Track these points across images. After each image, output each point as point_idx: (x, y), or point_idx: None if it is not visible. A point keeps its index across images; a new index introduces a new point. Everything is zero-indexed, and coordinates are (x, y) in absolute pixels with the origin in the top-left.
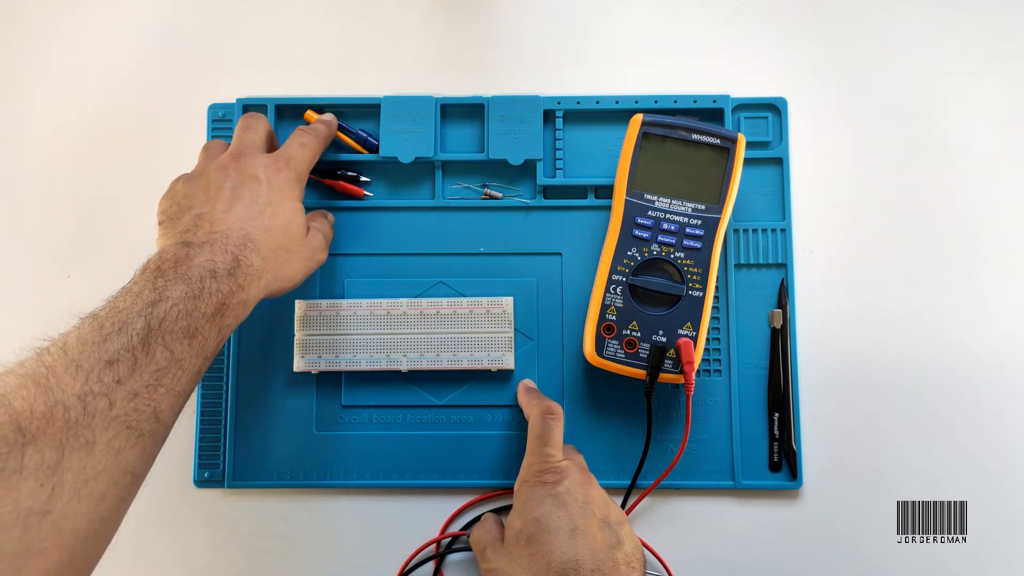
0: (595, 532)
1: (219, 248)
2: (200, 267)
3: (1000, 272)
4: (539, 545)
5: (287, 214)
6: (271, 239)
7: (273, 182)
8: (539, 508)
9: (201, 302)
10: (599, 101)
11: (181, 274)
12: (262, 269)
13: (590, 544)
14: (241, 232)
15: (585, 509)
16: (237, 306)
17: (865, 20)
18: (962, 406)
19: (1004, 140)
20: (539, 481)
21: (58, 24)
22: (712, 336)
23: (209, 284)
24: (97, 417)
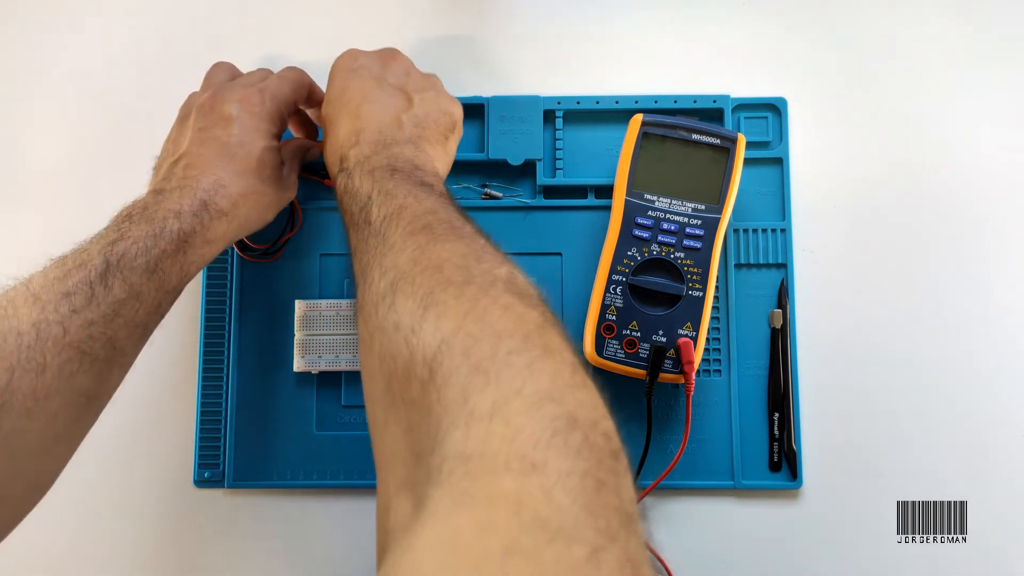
0: (385, 100)
1: (188, 192)
2: (165, 209)
3: (1000, 272)
4: (335, 122)
5: (259, 154)
6: (242, 182)
7: (245, 121)
8: (336, 90)
9: (162, 239)
10: (599, 101)
11: (147, 217)
12: (231, 212)
13: (376, 112)
14: (212, 177)
15: (378, 82)
16: (202, 245)
17: (865, 20)
18: (962, 406)
19: (1004, 140)
20: (341, 69)
21: (58, 24)
22: (712, 336)
23: (171, 223)
24: (50, 342)
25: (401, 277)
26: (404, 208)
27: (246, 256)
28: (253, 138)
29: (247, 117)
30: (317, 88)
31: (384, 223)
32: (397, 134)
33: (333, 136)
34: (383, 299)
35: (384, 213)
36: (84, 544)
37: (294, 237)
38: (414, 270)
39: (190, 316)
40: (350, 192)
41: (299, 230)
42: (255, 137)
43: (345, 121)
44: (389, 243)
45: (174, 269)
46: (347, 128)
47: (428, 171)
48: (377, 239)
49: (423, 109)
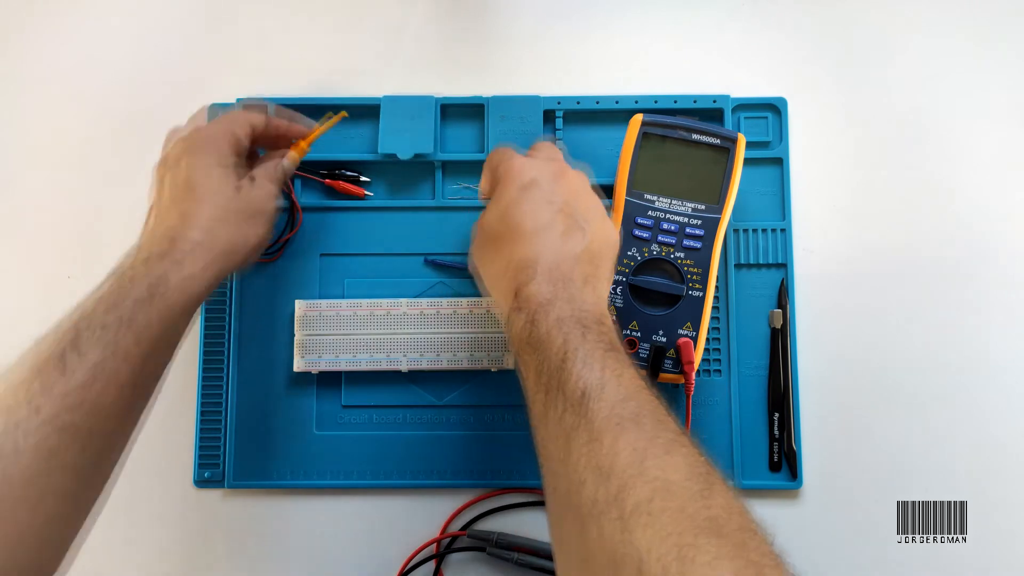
0: (560, 229)
1: (156, 238)
2: (133, 259)
3: (1000, 272)
4: (504, 243)
5: (211, 183)
6: (207, 210)
7: (195, 153)
8: (506, 202)
9: (132, 288)
10: (599, 101)
11: (116, 272)
12: (205, 241)
13: (553, 243)
14: (176, 214)
15: (552, 205)
16: (180, 284)
17: (865, 20)
18: (962, 406)
19: (1004, 139)
20: (512, 179)
21: (58, 24)
22: (712, 336)
23: (139, 270)
24: (21, 427)
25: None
26: (604, 386)
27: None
28: (205, 165)
29: (196, 149)
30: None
31: (584, 399)
32: (575, 272)
33: (502, 259)
34: (606, 514)
35: (582, 387)
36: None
37: (294, 237)
38: (642, 489)
39: None
40: (535, 344)
41: (299, 230)
42: (207, 163)
43: (517, 245)
44: (594, 431)
45: (153, 316)
46: (520, 254)
47: (608, 325)
48: (577, 418)
49: (596, 243)
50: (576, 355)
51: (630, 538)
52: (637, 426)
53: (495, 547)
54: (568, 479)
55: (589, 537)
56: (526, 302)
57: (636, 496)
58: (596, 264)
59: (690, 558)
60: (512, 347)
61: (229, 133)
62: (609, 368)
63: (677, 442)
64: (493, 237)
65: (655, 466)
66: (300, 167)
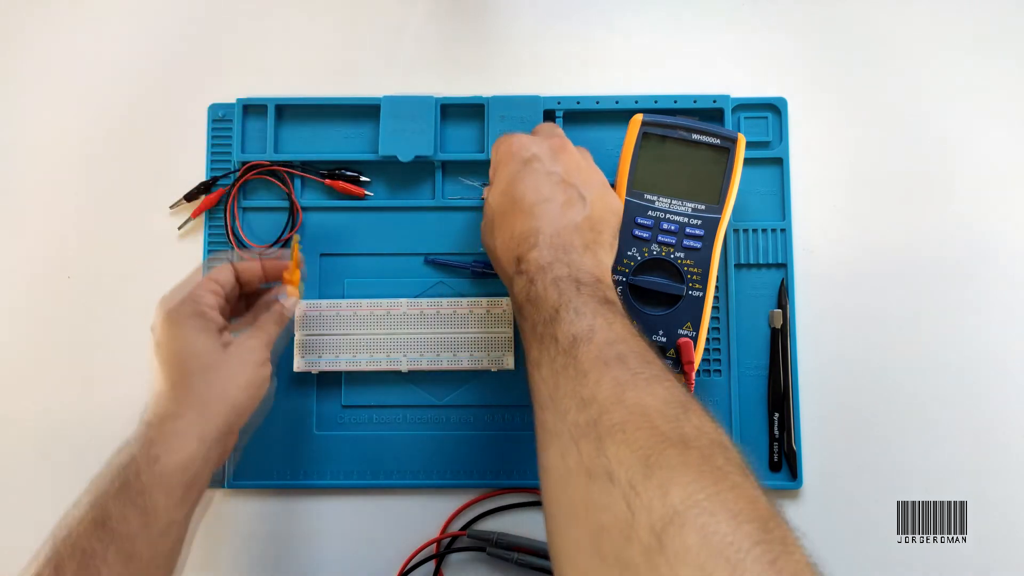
0: (561, 200)
1: (140, 423)
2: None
3: (1000, 272)
4: (508, 216)
5: (179, 347)
6: (176, 378)
7: (165, 322)
8: (508, 178)
9: (102, 483)
10: (599, 101)
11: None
12: (185, 400)
13: (554, 213)
14: (156, 389)
15: (551, 176)
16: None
17: (865, 20)
18: (962, 406)
19: (1004, 139)
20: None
21: (58, 24)
22: (712, 336)
23: (113, 460)
24: None
25: (605, 416)
26: (595, 330)
27: (246, 257)
28: (169, 341)
29: (166, 317)
30: (240, 268)
31: (574, 344)
32: (575, 239)
33: (507, 232)
34: (585, 436)
35: (573, 332)
36: None
37: (294, 237)
38: (619, 412)
39: None
40: (533, 300)
41: (299, 230)
42: (174, 328)
43: (520, 218)
44: (582, 369)
45: (129, 511)
46: (523, 226)
47: (607, 284)
48: (567, 360)
49: (596, 211)
50: (569, 306)
51: (604, 453)
52: (622, 364)
53: (495, 547)
54: (554, 411)
55: (569, 458)
56: (527, 266)
57: (612, 419)
58: (598, 231)
59: (656, 465)
60: (514, 308)
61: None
62: (601, 316)
63: (660, 377)
64: (499, 212)
65: (634, 395)
66: (300, 167)
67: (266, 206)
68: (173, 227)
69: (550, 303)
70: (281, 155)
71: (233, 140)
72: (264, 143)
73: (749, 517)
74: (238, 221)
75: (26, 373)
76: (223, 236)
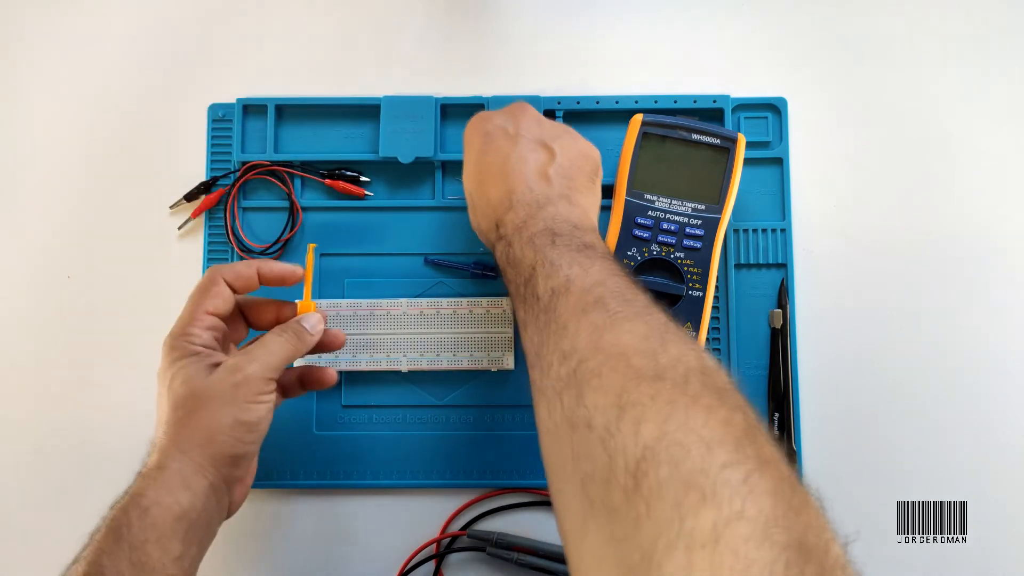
0: (527, 156)
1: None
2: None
3: (1000, 272)
4: (482, 188)
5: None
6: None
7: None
8: (475, 154)
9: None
10: (599, 101)
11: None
12: (166, 463)
13: (522, 170)
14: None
15: (514, 139)
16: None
17: (865, 20)
18: (962, 406)
19: (1004, 139)
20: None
21: (57, 24)
22: (712, 336)
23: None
24: None
25: (583, 365)
26: (571, 280)
27: (246, 256)
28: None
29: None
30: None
31: (552, 298)
32: (548, 190)
33: (484, 203)
34: (567, 388)
35: (551, 286)
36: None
37: (294, 237)
38: (597, 358)
39: None
40: (512, 262)
41: (299, 230)
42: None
43: (492, 185)
44: (561, 322)
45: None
46: (496, 192)
47: (586, 228)
48: (548, 315)
49: (566, 158)
50: (545, 261)
51: (582, 402)
52: (601, 307)
53: (495, 547)
54: (540, 368)
55: (555, 412)
56: (504, 230)
57: (589, 366)
58: (570, 177)
59: (628, 404)
60: (500, 273)
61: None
62: (577, 264)
63: (640, 313)
64: (474, 189)
65: (611, 337)
66: (300, 167)
67: (266, 206)
68: (173, 227)
69: (527, 262)
70: (281, 155)
71: (233, 140)
72: (264, 143)
73: (719, 440)
74: (238, 221)
75: (25, 373)
76: (223, 236)
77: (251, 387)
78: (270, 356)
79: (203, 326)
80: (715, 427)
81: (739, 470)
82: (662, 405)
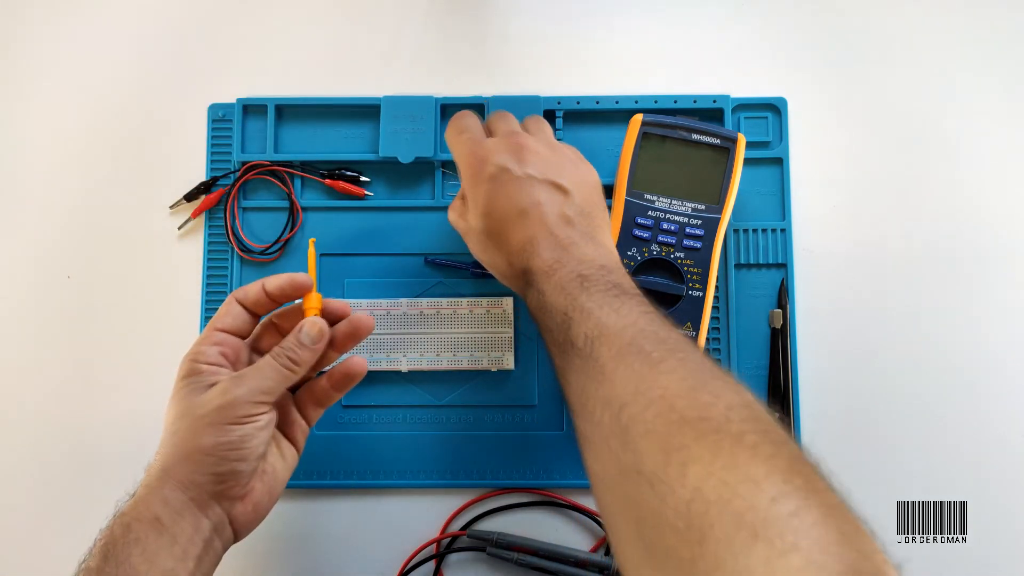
0: (542, 199)
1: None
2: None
3: (1000, 272)
4: (499, 235)
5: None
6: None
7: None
8: (486, 202)
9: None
10: (599, 101)
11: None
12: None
13: (540, 215)
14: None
15: (524, 182)
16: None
17: (865, 20)
18: (962, 406)
19: (1004, 139)
20: (477, 174)
21: (58, 24)
22: (712, 336)
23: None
24: None
25: (626, 412)
26: (606, 325)
27: (246, 256)
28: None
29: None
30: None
31: (589, 344)
32: (571, 232)
33: (503, 249)
34: (612, 435)
35: (586, 332)
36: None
37: (294, 237)
38: (639, 403)
39: (191, 316)
40: (545, 309)
41: (299, 230)
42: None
43: (511, 232)
44: (602, 368)
45: None
46: (516, 238)
47: (613, 267)
48: (586, 362)
49: (580, 195)
50: (577, 307)
51: (629, 448)
52: (636, 350)
53: (495, 547)
54: (586, 418)
55: (605, 461)
56: (533, 276)
57: (632, 411)
58: (589, 215)
59: (674, 447)
60: (532, 319)
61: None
62: (608, 307)
63: (674, 351)
64: (488, 233)
65: (650, 380)
66: (300, 167)
67: (266, 206)
68: (173, 227)
69: (559, 309)
70: (281, 155)
71: (233, 140)
72: (264, 143)
73: (766, 475)
74: (238, 221)
75: (25, 373)
76: (223, 236)
77: (235, 410)
78: (262, 380)
79: (211, 342)
80: (761, 463)
81: (788, 504)
82: (707, 445)
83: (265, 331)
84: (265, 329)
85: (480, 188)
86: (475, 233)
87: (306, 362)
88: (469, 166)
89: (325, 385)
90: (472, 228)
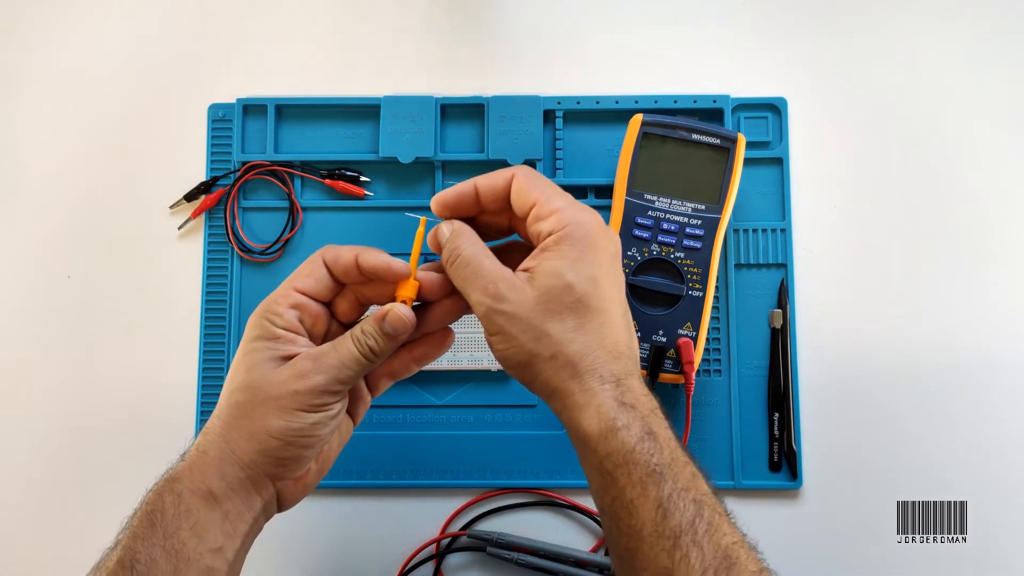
0: (628, 315)
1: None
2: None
3: (1000, 271)
4: (594, 313)
5: (233, 375)
6: (228, 396)
7: (243, 338)
8: (596, 275)
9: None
10: (599, 101)
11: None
12: (208, 448)
13: (630, 330)
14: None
15: (621, 289)
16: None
17: (865, 20)
18: (962, 406)
19: (1004, 139)
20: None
21: (58, 24)
22: (712, 336)
23: (147, 493)
24: None
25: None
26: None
27: (246, 256)
28: (238, 351)
29: (250, 322)
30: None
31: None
32: (636, 368)
33: (591, 332)
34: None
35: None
36: (87, 544)
37: (294, 237)
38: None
39: (190, 316)
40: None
41: (299, 230)
42: (239, 350)
43: (610, 327)
44: None
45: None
46: (612, 339)
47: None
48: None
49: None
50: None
51: None
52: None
53: (495, 547)
54: None
55: None
56: (634, 401)
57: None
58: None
59: None
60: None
61: (268, 322)
62: None
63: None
64: (576, 300)
65: None
66: (300, 167)
67: (266, 206)
68: (173, 227)
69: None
70: (281, 155)
71: (233, 140)
72: (264, 143)
73: None
74: (238, 221)
75: (25, 373)
76: (223, 236)
77: (311, 398)
78: (341, 369)
79: (288, 303)
80: None
81: None
82: None
83: (343, 294)
84: (344, 290)
85: (598, 257)
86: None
87: (386, 353)
88: (589, 233)
89: (406, 356)
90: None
